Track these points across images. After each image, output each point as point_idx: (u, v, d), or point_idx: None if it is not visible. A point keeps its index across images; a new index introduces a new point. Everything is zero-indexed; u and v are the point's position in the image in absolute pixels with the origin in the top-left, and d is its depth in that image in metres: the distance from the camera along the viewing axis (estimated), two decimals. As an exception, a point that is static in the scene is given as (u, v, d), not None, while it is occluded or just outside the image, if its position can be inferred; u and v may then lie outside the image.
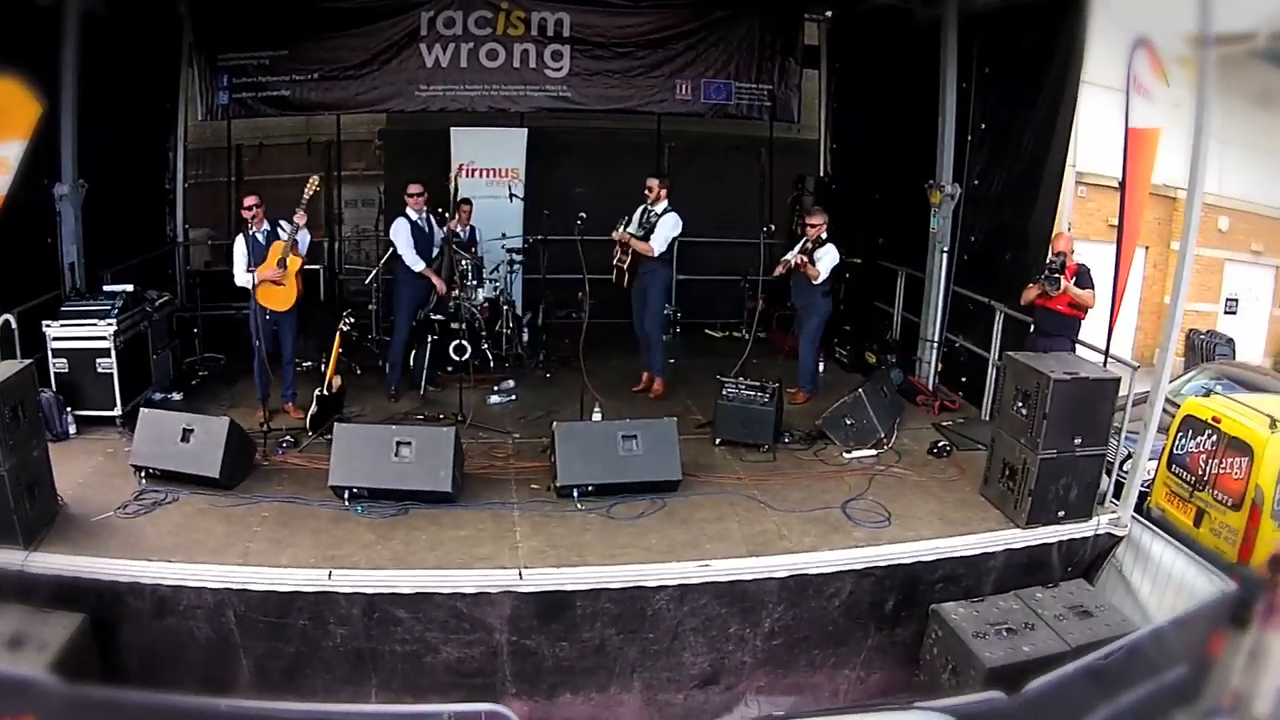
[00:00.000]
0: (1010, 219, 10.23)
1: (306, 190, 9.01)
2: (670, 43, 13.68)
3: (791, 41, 14.21)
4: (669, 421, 8.39)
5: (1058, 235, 9.37)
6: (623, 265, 10.33)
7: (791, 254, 10.33)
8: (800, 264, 10.07)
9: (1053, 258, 9.06)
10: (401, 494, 7.70)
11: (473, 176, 12.61)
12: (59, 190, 9.53)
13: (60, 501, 7.31)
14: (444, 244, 10.26)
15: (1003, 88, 10.29)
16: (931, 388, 11.23)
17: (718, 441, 9.33)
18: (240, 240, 9.09)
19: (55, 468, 7.37)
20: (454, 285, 10.39)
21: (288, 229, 9.07)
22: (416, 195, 9.98)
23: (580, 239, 9.62)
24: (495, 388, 10.56)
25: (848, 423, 9.49)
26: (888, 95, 12.46)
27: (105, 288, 9.47)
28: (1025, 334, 9.56)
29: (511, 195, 12.59)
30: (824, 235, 10.20)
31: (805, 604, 7.33)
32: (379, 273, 11.01)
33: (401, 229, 9.94)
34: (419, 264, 9.92)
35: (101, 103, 9.79)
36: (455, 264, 10.37)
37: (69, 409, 8.72)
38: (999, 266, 10.34)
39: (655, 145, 14.20)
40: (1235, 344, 17.61)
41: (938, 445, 9.48)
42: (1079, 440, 7.71)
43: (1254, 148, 16.52)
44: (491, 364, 11.13)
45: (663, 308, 11.16)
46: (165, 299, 10.33)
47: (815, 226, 10.23)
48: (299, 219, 9.00)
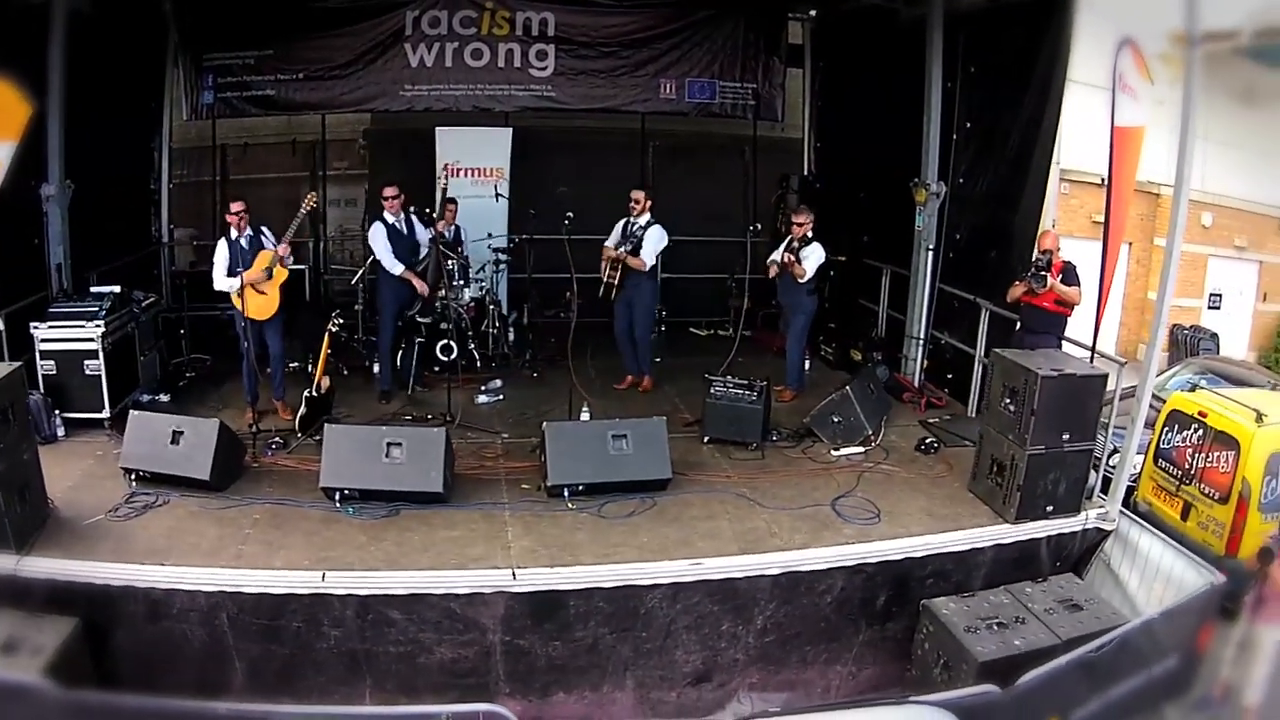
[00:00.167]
0: (996, 217, 10.27)
1: (301, 208, 9.12)
2: (655, 42, 13.70)
3: (775, 40, 14.25)
4: (658, 420, 8.40)
5: (1044, 233, 9.41)
6: (614, 281, 10.35)
7: (777, 253, 10.36)
8: (787, 262, 10.09)
9: (1039, 255, 9.11)
10: (392, 495, 7.69)
11: (458, 176, 12.56)
12: (46, 191, 9.48)
13: (51, 505, 7.27)
14: (431, 245, 10.22)
15: (988, 87, 10.33)
16: (917, 385, 11.28)
17: (706, 440, 9.35)
18: (223, 244, 9.04)
19: (44, 471, 7.31)
20: (441, 286, 10.35)
21: (270, 237, 9.10)
22: (392, 198, 9.91)
23: (568, 238, 9.65)
24: (482, 388, 10.54)
25: (835, 420, 9.52)
26: (872, 94, 12.49)
27: (92, 289, 9.44)
28: (1011, 331, 9.62)
29: (497, 195, 12.57)
30: (809, 234, 10.22)
31: (797, 601, 7.38)
32: (364, 273, 10.98)
33: (378, 234, 9.88)
34: (398, 268, 9.87)
35: (87, 103, 9.74)
36: (442, 264, 10.34)
37: (57, 411, 8.68)
38: (984, 264, 10.39)
39: (640, 144, 14.20)
40: (1219, 339, 17.70)
41: (925, 442, 9.53)
42: (1067, 436, 7.77)
43: (1237, 145, 16.65)
44: (478, 364, 11.12)
45: (653, 316, 11.22)
46: (151, 300, 10.28)
47: (801, 225, 10.24)
48: (283, 250, 9.02)
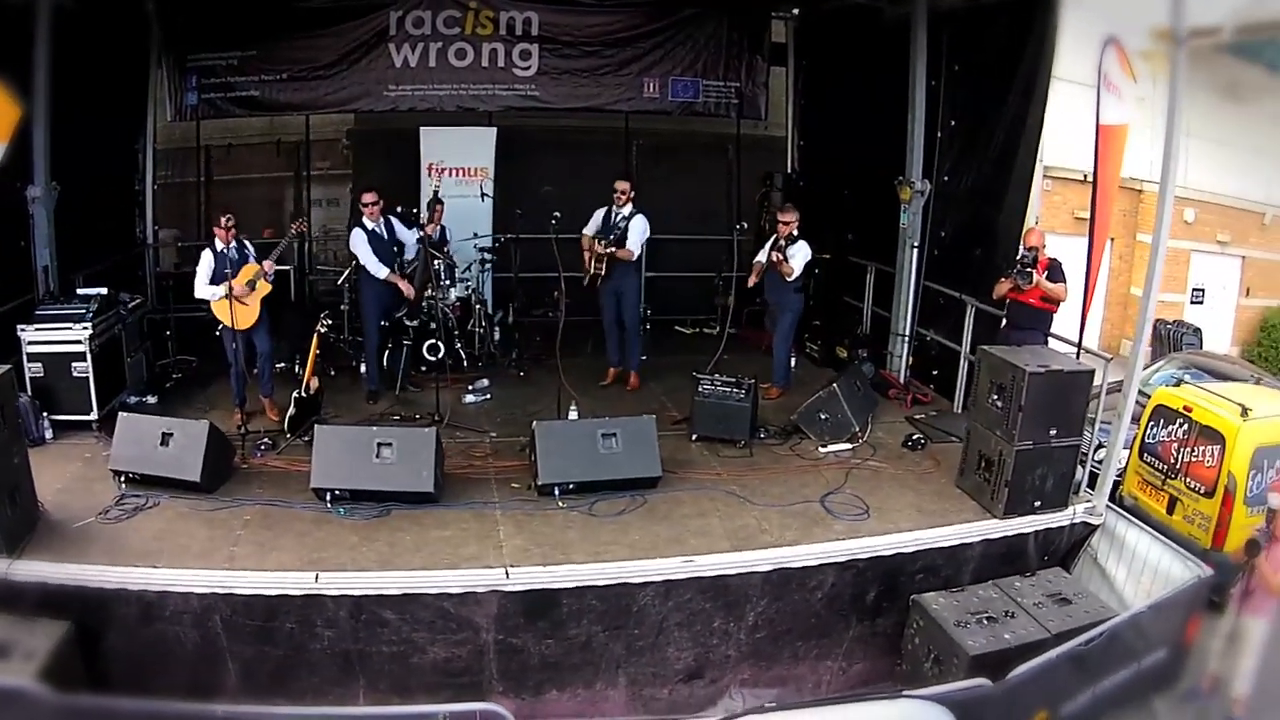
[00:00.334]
0: (981, 215, 10.33)
1: (290, 232, 9.27)
2: (638, 41, 13.71)
3: (759, 39, 14.28)
4: (648, 419, 8.42)
5: (1029, 230, 9.49)
6: (600, 272, 10.40)
7: (763, 254, 10.40)
8: (775, 261, 10.13)
9: (1025, 252, 9.18)
10: (383, 495, 7.69)
11: (442, 176, 12.58)
12: (31, 193, 9.43)
13: (41, 508, 7.23)
14: (419, 247, 10.21)
15: (972, 85, 10.38)
16: (903, 381, 11.34)
17: (694, 438, 9.38)
18: (208, 254, 9.01)
19: (33, 473, 7.26)
20: (429, 287, 10.35)
21: (252, 251, 9.12)
22: (371, 204, 9.89)
23: (555, 237, 9.67)
24: (470, 387, 10.53)
25: (822, 417, 9.58)
26: (855, 92, 12.52)
27: (79, 291, 9.40)
28: (996, 328, 9.69)
29: (483, 195, 12.56)
30: (795, 232, 10.25)
31: (788, 597, 7.43)
32: (350, 274, 10.95)
33: (359, 239, 9.87)
34: (382, 271, 9.84)
35: (71, 104, 9.68)
36: (429, 266, 10.33)
37: (45, 413, 8.64)
38: (969, 262, 10.45)
39: (623, 143, 14.20)
40: (1202, 334, 17.81)
41: (912, 438, 9.59)
42: (1054, 431, 7.85)
43: (1219, 141, 16.78)
44: (465, 363, 11.11)
45: (640, 305, 11.27)
46: (137, 301, 10.23)
47: (787, 224, 10.27)
48: (268, 267, 9.02)
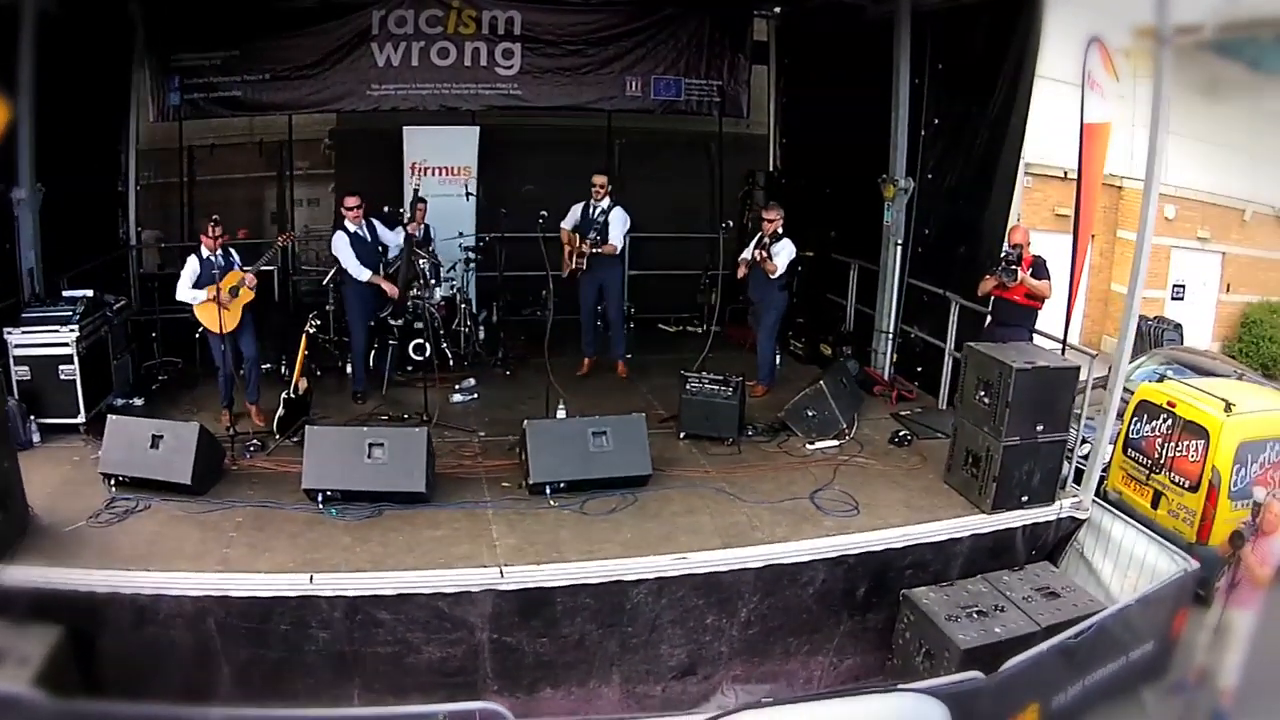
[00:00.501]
0: (964, 213, 10.39)
1: (276, 243, 9.33)
2: (621, 40, 13.70)
3: (741, 38, 14.29)
4: (638, 417, 8.47)
5: (1014, 227, 9.56)
6: (581, 267, 10.47)
7: (748, 251, 10.45)
8: (760, 259, 10.17)
9: (1009, 250, 9.24)
10: (375, 495, 7.70)
11: (425, 175, 12.57)
12: (16, 195, 9.34)
13: (31, 512, 7.18)
14: (404, 247, 10.21)
15: (956, 84, 10.45)
16: (888, 378, 11.41)
17: (682, 435, 9.43)
18: (193, 260, 9.02)
19: (22, 478, 7.19)
20: (414, 286, 10.35)
21: (236, 258, 9.13)
22: (354, 208, 9.89)
23: (543, 236, 9.68)
24: (457, 386, 10.53)
25: (810, 414, 9.63)
26: (838, 90, 12.54)
27: (64, 293, 9.35)
28: (980, 325, 9.77)
29: (468, 193, 12.56)
30: (780, 230, 10.30)
31: (780, 593, 7.49)
32: (334, 274, 10.92)
33: (341, 243, 9.87)
34: (365, 274, 9.85)
35: (55, 105, 9.60)
36: (414, 265, 10.33)
37: (32, 417, 8.59)
38: (953, 259, 10.52)
39: (606, 142, 14.21)
40: (1183, 329, 17.94)
41: (898, 435, 9.66)
42: (1041, 427, 7.93)
43: (1199, 138, 16.92)
44: (451, 363, 11.09)
45: (624, 296, 11.40)
46: (122, 303, 10.17)
47: (771, 221, 10.31)
48: (249, 280, 9.02)
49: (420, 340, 10.55)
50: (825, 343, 12.22)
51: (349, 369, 10.47)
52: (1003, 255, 9.28)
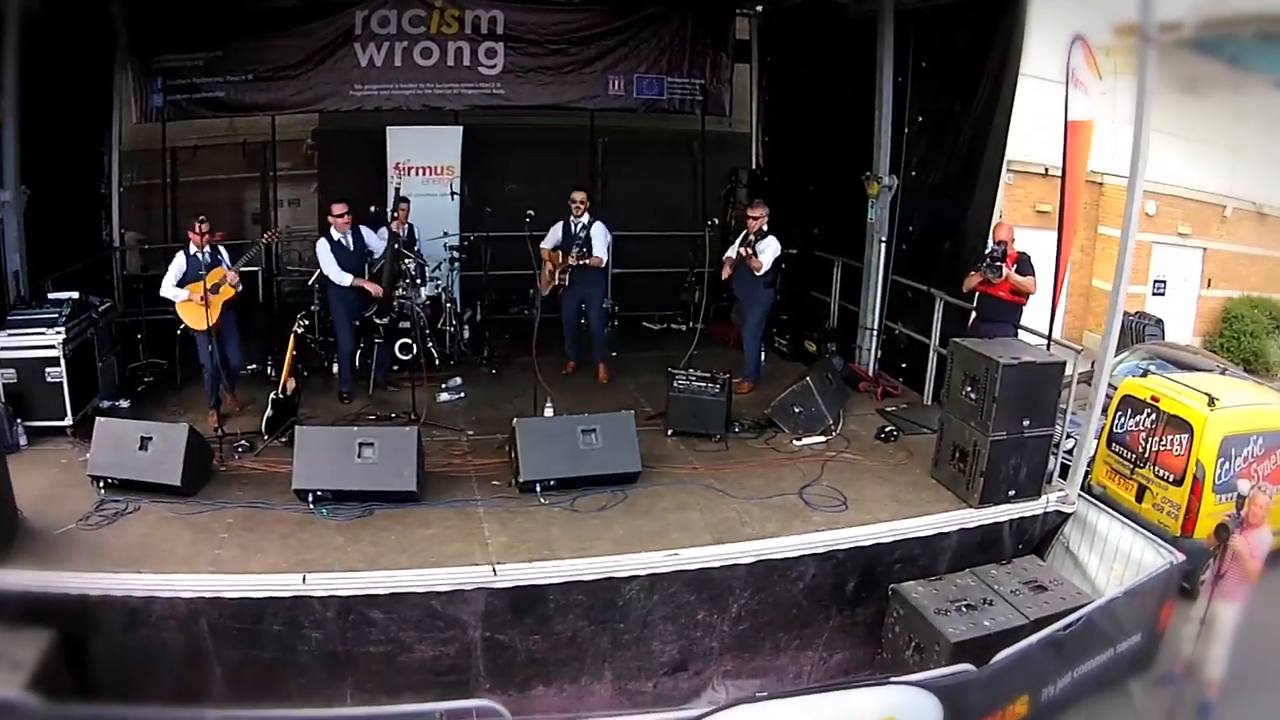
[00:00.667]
0: (948, 210, 10.45)
1: (261, 240, 9.39)
2: (603, 39, 13.72)
3: (723, 36, 14.34)
4: (627, 415, 8.51)
5: (999, 224, 9.61)
6: (564, 283, 10.52)
7: (733, 250, 10.48)
8: (745, 256, 10.21)
9: (994, 246, 9.30)
10: (366, 495, 7.70)
11: (408, 175, 12.56)
12: (1, 197, 9.29)
13: (20, 516, 7.14)
14: (387, 248, 10.20)
15: (940, 82, 10.50)
16: (872, 374, 11.47)
17: (670, 433, 9.45)
18: (180, 257, 9.03)
19: (11, 481, 7.16)
20: (398, 286, 10.35)
21: (225, 255, 9.13)
22: (340, 216, 9.88)
23: (530, 235, 9.70)
24: (443, 386, 10.54)
25: (796, 411, 9.67)
26: (820, 88, 12.60)
27: (50, 295, 9.31)
28: (965, 321, 9.83)
29: (453, 193, 12.56)
30: (765, 227, 10.33)
31: (770, 588, 7.53)
32: (319, 275, 10.89)
33: (324, 250, 9.88)
34: (346, 279, 9.84)
35: (38, 106, 9.56)
36: (398, 264, 10.33)
37: (19, 420, 8.54)
38: (938, 256, 10.58)
39: (589, 141, 14.23)
40: (1164, 324, 18.04)
41: (885, 430, 9.72)
42: (1027, 422, 7.99)
43: (1180, 134, 17.05)
44: (436, 362, 11.11)
45: (604, 308, 11.43)
46: (107, 305, 10.12)
47: (756, 219, 10.35)
48: (232, 277, 9.02)
49: (406, 340, 10.55)
50: (810, 339, 12.28)
51: (334, 369, 10.46)
52: (987, 252, 9.34)
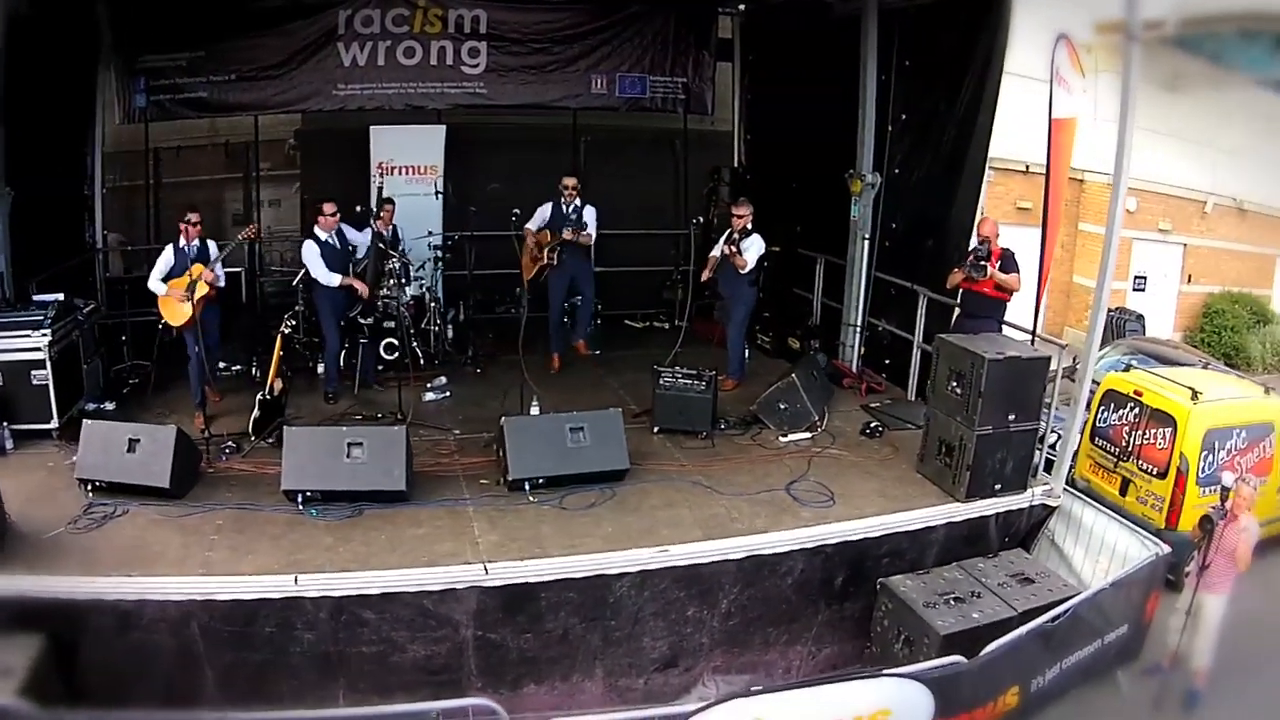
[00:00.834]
0: (932, 208, 10.49)
1: (240, 235, 9.33)
2: (586, 38, 13.71)
3: (705, 35, 14.35)
4: (614, 412, 8.52)
5: (983, 219, 9.67)
6: (552, 262, 10.53)
7: (717, 249, 10.52)
8: (729, 254, 10.25)
9: (978, 246, 9.35)
10: (355, 495, 7.69)
11: (392, 174, 12.54)
12: (-15, 199, 9.27)
13: (9, 520, 7.08)
14: (371, 246, 10.20)
15: (924, 80, 10.55)
16: (856, 371, 11.52)
17: (656, 430, 9.48)
18: (169, 250, 9.05)
19: (-1, 486, 7.18)
20: (382, 285, 10.35)
21: (215, 250, 9.14)
22: (329, 216, 9.86)
23: (516, 234, 9.71)
24: (428, 385, 10.55)
25: (782, 407, 9.73)
26: (803, 87, 12.63)
27: (35, 297, 9.25)
28: (948, 317, 9.90)
29: (438, 192, 12.56)
30: (749, 225, 10.37)
31: (760, 584, 7.57)
32: (303, 275, 10.87)
33: (311, 251, 9.83)
34: (335, 279, 9.81)
35: (22, 107, 9.52)
36: (382, 264, 10.34)
37: (4, 423, 8.48)
38: (921, 253, 10.63)
39: (571, 140, 14.24)
40: (1145, 320, 18.14)
41: (870, 426, 9.78)
42: (1013, 417, 8.06)
43: (1161, 131, 17.17)
44: (421, 362, 11.10)
45: (594, 284, 11.53)
46: (91, 307, 10.06)
47: (741, 217, 10.38)
48: (208, 276, 8.98)
49: (391, 340, 10.54)
50: (793, 336, 12.35)
51: (320, 369, 10.44)
52: (971, 250, 9.40)
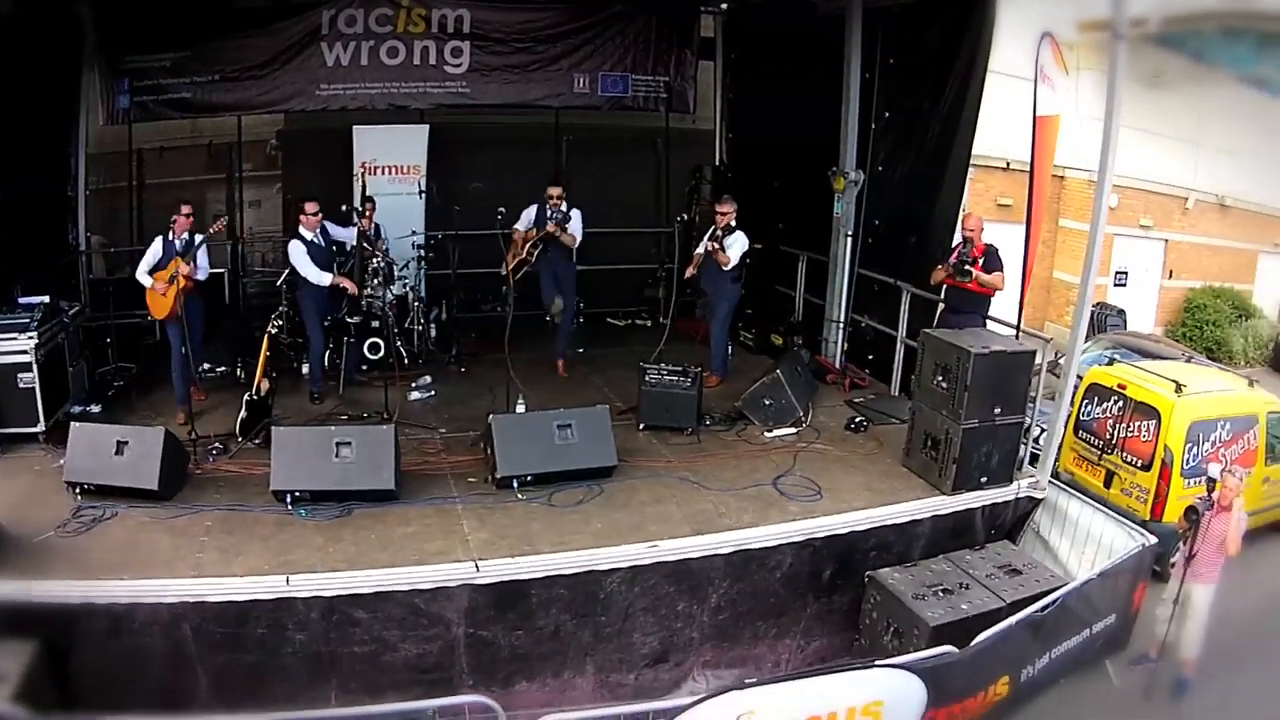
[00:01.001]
0: (915, 205, 10.55)
1: (210, 230, 9.32)
2: (568, 37, 13.72)
3: (688, 34, 14.38)
4: (602, 409, 8.55)
5: (967, 215, 9.73)
6: (531, 258, 10.55)
7: (702, 245, 10.56)
8: (713, 251, 10.29)
9: (962, 251, 9.40)
10: (344, 494, 7.69)
11: (375, 174, 12.51)
12: (-30, 200, 9.21)
13: (-3, 524, 7.07)
14: (356, 245, 10.20)
15: (908, 78, 10.61)
16: (839, 366, 11.59)
17: (642, 427, 9.51)
18: (158, 243, 9.07)
19: (-14, 489, 7.14)
20: (365, 284, 10.35)
21: (200, 250, 9.14)
22: (313, 215, 9.86)
23: (502, 233, 9.72)
24: (413, 384, 10.56)
25: (767, 403, 9.78)
26: (786, 85, 12.66)
27: (20, 300, 9.16)
28: (930, 314, 9.97)
29: (422, 191, 12.56)
30: (733, 223, 10.41)
31: (749, 578, 7.63)
32: (288, 275, 10.85)
33: (298, 251, 9.81)
34: (325, 279, 9.79)
35: (5, 108, 9.48)
36: (365, 263, 10.34)
37: (-10, 428, 8.46)
38: (904, 250, 10.70)
39: (554, 139, 14.26)
40: (1126, 315, 18.30)
41: (854, 421, 9.84)
42: (999, 410, 8.13)
43: (1142, 128, 17.28)
44: (405, 361, 11.09)
45: (575, 292, 11.52)
46: (76, 309, 10.03)
47: (724, 215, 10.42)
48: (185, 269, 8.97)
49: (375, 339, 10.54)
50: (776, 333, 12.41)
51: (304, 369, 10.43)
52: (955, 251, 9.46)
